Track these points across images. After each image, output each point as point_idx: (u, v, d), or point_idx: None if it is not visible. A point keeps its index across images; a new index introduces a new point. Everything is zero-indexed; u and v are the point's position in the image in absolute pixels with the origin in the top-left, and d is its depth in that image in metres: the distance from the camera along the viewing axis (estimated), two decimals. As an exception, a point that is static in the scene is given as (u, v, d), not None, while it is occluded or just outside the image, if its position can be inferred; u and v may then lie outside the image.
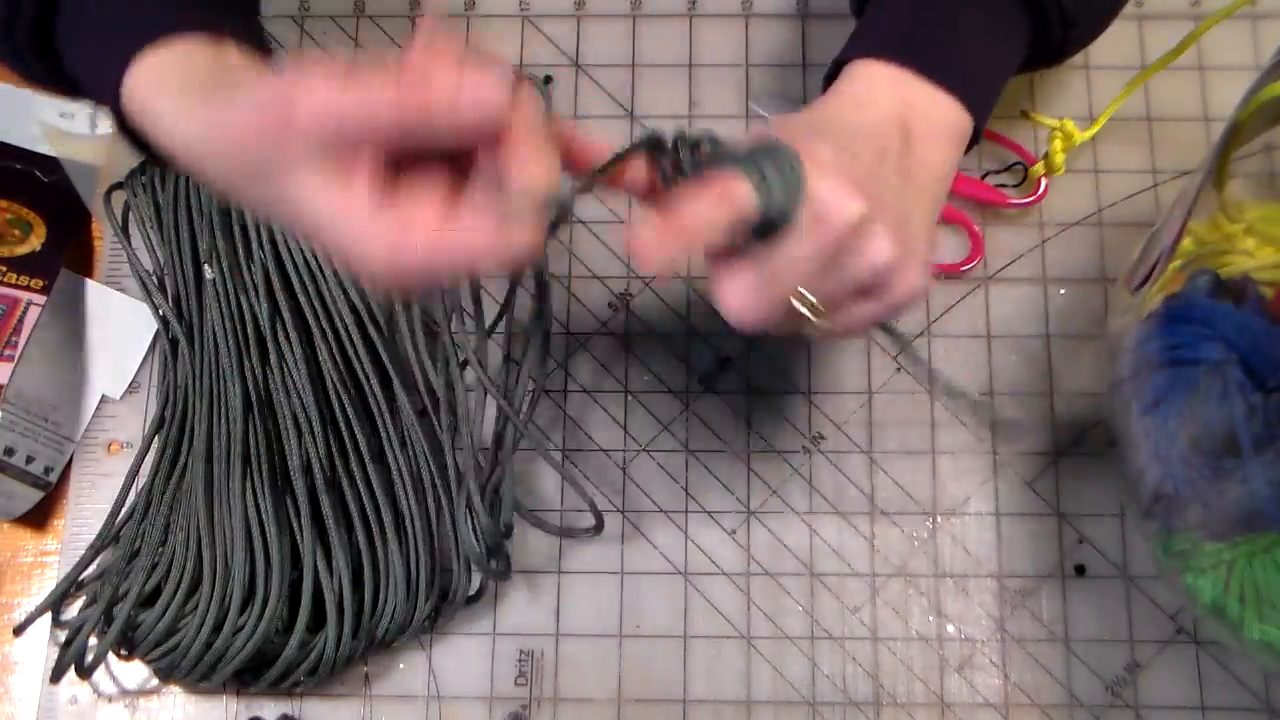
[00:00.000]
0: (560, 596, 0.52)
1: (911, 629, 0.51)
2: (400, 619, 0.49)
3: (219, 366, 0.51)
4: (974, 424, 0.53)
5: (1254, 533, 0.39)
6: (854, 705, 0.50)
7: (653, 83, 0.58)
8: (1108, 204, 0.56)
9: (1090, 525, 0.52)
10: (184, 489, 0.51)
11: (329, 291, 0.52)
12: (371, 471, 0.50)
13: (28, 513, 0.53)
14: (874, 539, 0.52)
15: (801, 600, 0.52)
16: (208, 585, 0.48)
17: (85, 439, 0.54)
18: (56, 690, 0.51)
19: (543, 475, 0.53)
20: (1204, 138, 0.56)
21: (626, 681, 0.51)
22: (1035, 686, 0.50)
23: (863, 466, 0.53)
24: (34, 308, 0.54)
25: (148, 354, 0.55)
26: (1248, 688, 0.50)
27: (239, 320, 0.51)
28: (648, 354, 0.55)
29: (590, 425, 0.54)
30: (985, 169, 0.56)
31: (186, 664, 0.48)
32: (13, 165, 0.57)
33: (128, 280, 0.56)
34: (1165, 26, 0.58)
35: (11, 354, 0.54)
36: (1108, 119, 0.54)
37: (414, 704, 0.51)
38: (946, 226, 0.56)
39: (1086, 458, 0.53)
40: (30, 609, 0.51)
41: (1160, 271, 0.43)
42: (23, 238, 0.56)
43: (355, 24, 0.60)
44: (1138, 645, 0.51)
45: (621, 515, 0.53)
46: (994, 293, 0.55)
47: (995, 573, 0.52)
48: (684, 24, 0.59)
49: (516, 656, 0.51)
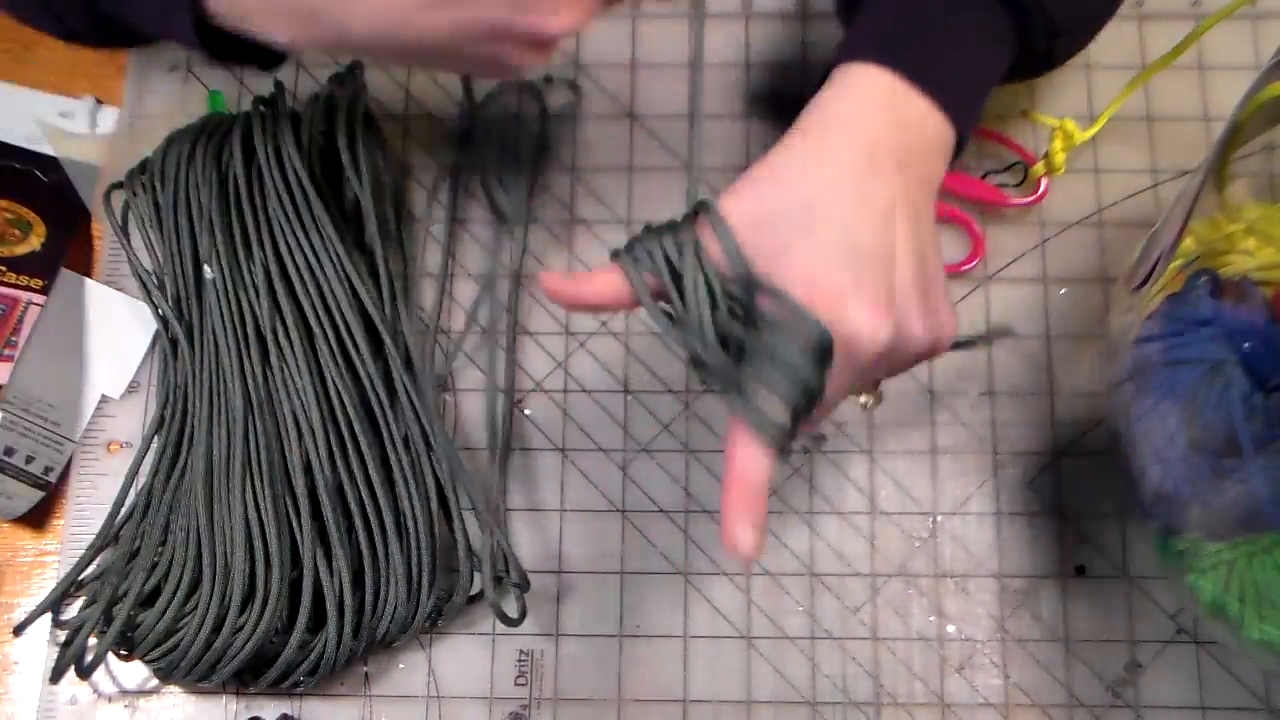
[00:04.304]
0: (560, 596, 0.52)
1: (911, 629, 0.51)
2: (400, 619, 0.49)
3: (219, 366, 0.51)
4: (975, 422, 0.53)
5: (1254, 533, 0.39)
6: (854, 705, 0.50)
7: (653, 83, 0.58)
8: (1108, 204, 0.56)
9: (1090, 525, 0.52)
10: (184, 489, 0.51)
11: (329, 291, 0.52)
12: (372, 471, 0.50)
13: (28, 513, 0.53)
14: (874, 539, 0.52)
15: (801, 600, 0.52)
16: (208, 585, 0.48)
17: (85, 439, 0.54)
18: (56, 690, 0.51)
19: (543, 475, 0.53)
20: (1204, 138, 0.56)
21: (626, 681, 0.51)
22: (1035, 686, 0.50)
23: (863, 466, 0.53)
24: (34, 308, 0.54)
25: (148, 354, 0.55)
26: (1248, 688, 0.50)
27: (239, 320, 0.51)
28: (648, 354, 0.55)
29: (590, 425, 0.54)
30: (985, 169, 0.56)
31: (186, 664, 0.48)
32: (13, 165, 0.57)
33: (128, 280, 0.56)
34: (1165, 26, 0.58)
35: (11, 354, 0.54)
36: (1108, 119, 0.54)
37: (414, 704, 0.51)
38: (946, 226, 0.56)
39: (1086, 458, 0.53)
40: (30, 609, 0.50)
41: (1160, 271, 0.43)
42: (23, 238, 0.56)
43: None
44: (1138, 645, 0.51)
45: (621, 515, 0.53)
46: (994, 293, 0.55)
47: (995, 573, 0.52)
48: (684, 24, 0.59)
49: (516, 656, 0.51)
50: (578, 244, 0.56)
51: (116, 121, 0.58)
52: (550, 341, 0.55)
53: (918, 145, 0.40)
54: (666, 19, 0.59)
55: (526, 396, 0.54)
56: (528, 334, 0.55)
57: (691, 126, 0.38)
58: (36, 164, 0.57)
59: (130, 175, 0.55)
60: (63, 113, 0.58)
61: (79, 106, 0.58)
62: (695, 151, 0.40)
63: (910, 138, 0.40)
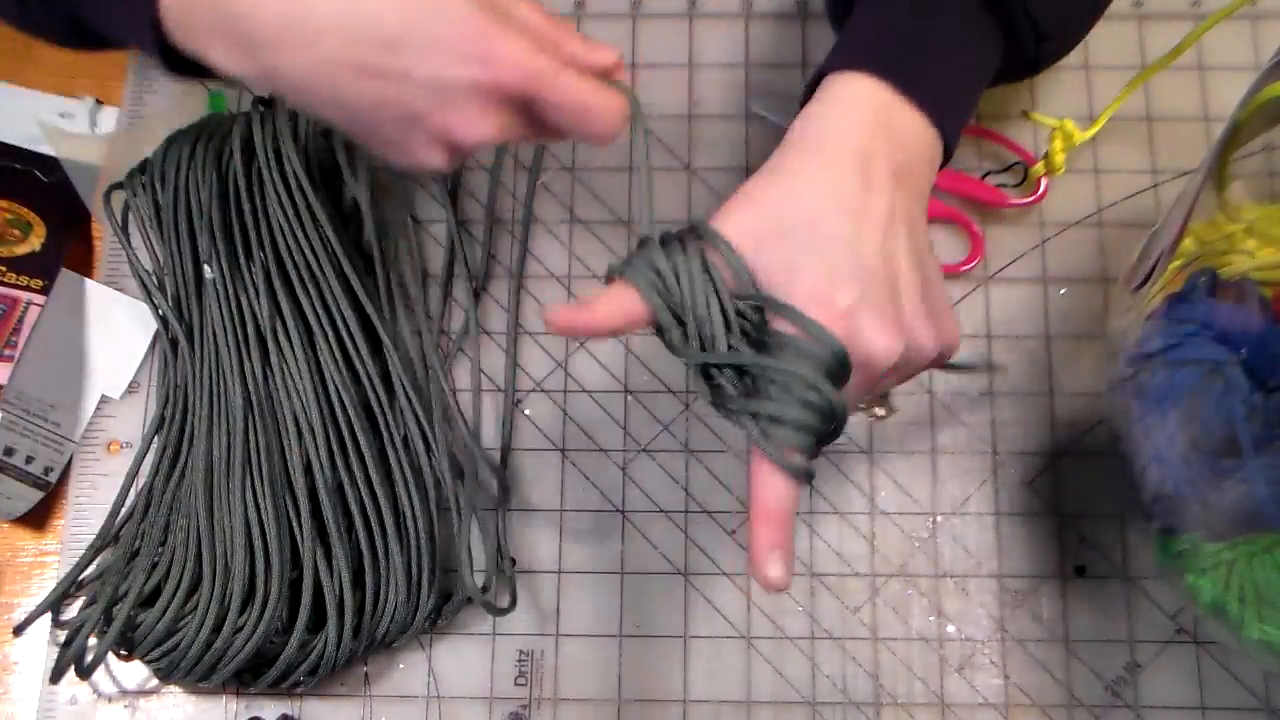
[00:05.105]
0: (560, 596, 0.52)
1: (911, 629, 0.51)
2: (400, 619, 0.49)
3: (219, 366, 0.51)
4: (976, 422, 0.53)
5: (1254, 533, 0.39)
6: (854, 705, 0.50)
7: (653, 83, 0.58)
8: (1108, 204, 0.56)
9: (1090, 525, 0.52)
10: (184, 489, 0.51)
11: (329, 291, 0.52)
12: (372, 471, 0.50)
13: (28, 513, 0.53)
14: (874, 539, 0.52)
15: (801, 600, 0.52)
16: (208, 585, 0.48)
17: (85, 439, 0.54)
18: (56, 690, 0.51)
19: (543, 475, 0.53)
20: (1204, 138, 0.56)
21: (626, 681, 0.51)
22: (1035, 686, 0.50)
23: (863, 466, 0.53)
24: (34, 308, 0.54)
25: (148, 354, 0.55)
26: (1248, 688, 0.50)
27: (239, 320, 0.51)
28: (648, 354, 0.55)
29: (590, 425, 0.54)
30: (985, 169, 0.56)
31: (186, 664, 0.48)
32: (13, 165, 0.57)
33: (128, 280, 0.56)
34: (1165, 26, 0.58)
35: (11, 354, 0.54)
36: (1108, 119, 0.54)
37: (414, 704, 0.51)
38: (946, 226, 0.56)
39: (1086, 458, 0.53)
40: (30, 609, 0.50)
41: (1160, 271, 0.43)
42: (23, 238, 0.56)
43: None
44: (1138, 645, 0.51)
45: (621, 515, 0.53)
46: (994, 293, 0.55)
47: (995, 573, 0.52)
48: (684, 24, 0.59)
49: (516, 656, 0.51)
50: (578, 244, 0.56)
51: (116, 121, 0.58)
52: (550, 341, 0.55)
53: (910, 157, 0.40)
54: (666, 19, 0.59)
55: (526, 396, 0.54)
56: (528, 334, 0.55)
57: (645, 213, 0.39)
58: (37, 164, 0.57)
59: (130, 175, 0.55)
60: (63, 113, 0.58)
61: (79, 106, 0.58)
62: (647, 212, 0.40)
63: (903, 149, 0.40)
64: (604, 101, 0.37)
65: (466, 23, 0.35)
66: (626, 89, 0.39)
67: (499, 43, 0.35)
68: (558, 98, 0.36)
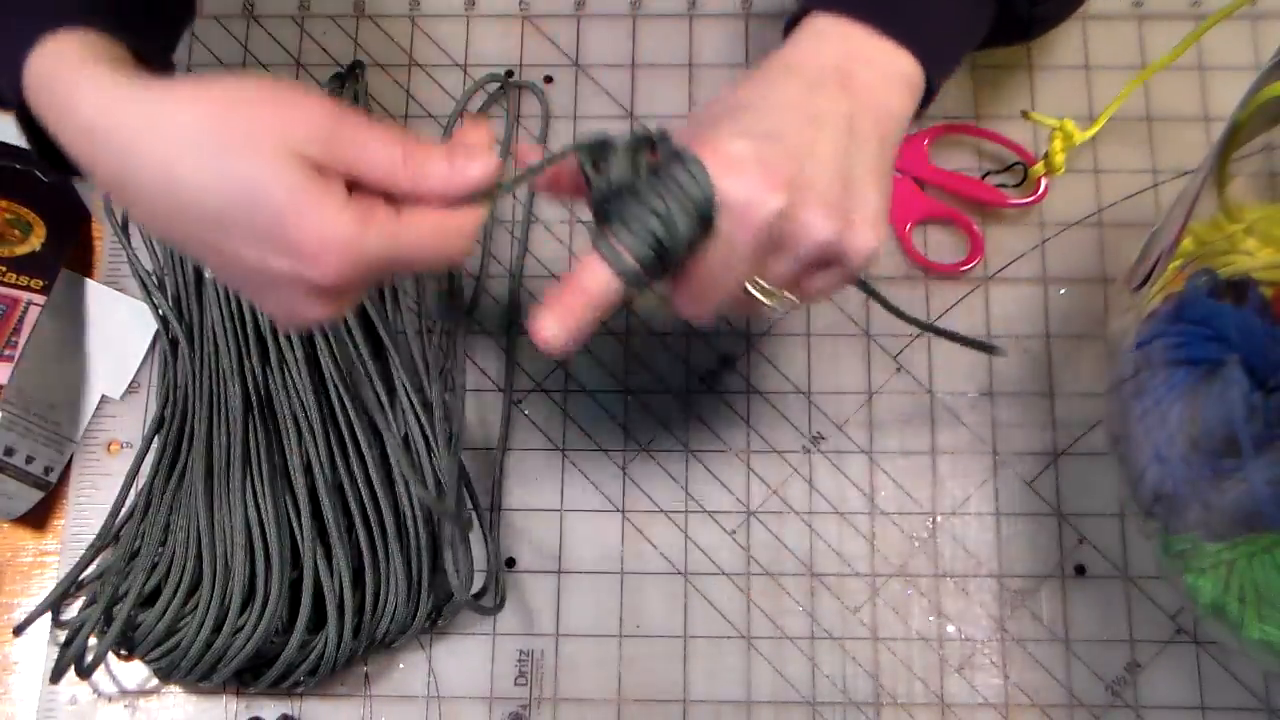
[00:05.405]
0: (560, 596, 0.52)
1: (911, 629, 0.51)
2: (400, 619, 0.49)
3: (219, 366, 0.51)
4: (974, 423, 0.53)
5: (1254, 533, 0.39)
6: (854, 705, 0.50)
7: (653, 83, 0.58)
8: (1108, 204, 0.56)
9: (1090, 525, 0.52)
10: (184, 489, 0.51)
11: (329, 291, 0.52)
12: (372, 471, 0.50)
13: (28, 513, 0.53)
14: (874, 539, 0.52)
15: (801, 600, 0.52)
16: (208, 585, 0.48)
17: (85, 439, 0.54)
18: (56, 690, 0.51)
19: (543, 475, 0.53)
20: (1204, 138, 0.56)
21: (626, 681, 0.51)
22: (1035, 686, 0.50)
23: (863, 466, 0.53)
24: (34, 308, 0.54)
25: (148, 354, 0.55)
26: (1248, 688, 0.50)
27: (239, 320, 0.51)
28: (648, 354, 0.55)
29: (590, 425, 0.54)
30: (985, 169, 0.56)
31: (186, 664, 0.48)
32: (13, 165, 0.57)
33: (128, 280, 0.56)
34: (1165, 26, 0.58)
35: (11, 354, 0.53)
36: (1108, 119, 0.54)
37: (414, 704, 0.51)
38: (946, 226, 0.56)
39: (1086, 458, 0.53)
40: (30, 609, 0.50)
41: (1160, 271, 0.43)
42: (23, 238, 0.56)
43: (355, 24, 0.60)
44: (1138, 645, 0.51)
45: (621, 515, 0.53)
46: (994, 293, 0.55)
47: (995, 573, 0.52)
48: (684, 24, 0.59)
49: (516, 656, 0.51)
50: (578, 244, 0.56)
51: (116, 121, 0.58)
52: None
53: (867, 72, 0.39)
54: (666, 19, 0.59)
55: (526, 396, 0.54)
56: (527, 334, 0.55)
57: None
58: (37, 164, 0.57)
59: (130, 175, 0.55)
60: (63, 113, 0.58)
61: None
62: None
63: (858, 65, 0.39)
64: (443, 245, 0.36)
65: (285, 211, 0.33)
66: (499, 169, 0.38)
67: (315, 237, 0.34)
68: (401, 258, 0.36)
